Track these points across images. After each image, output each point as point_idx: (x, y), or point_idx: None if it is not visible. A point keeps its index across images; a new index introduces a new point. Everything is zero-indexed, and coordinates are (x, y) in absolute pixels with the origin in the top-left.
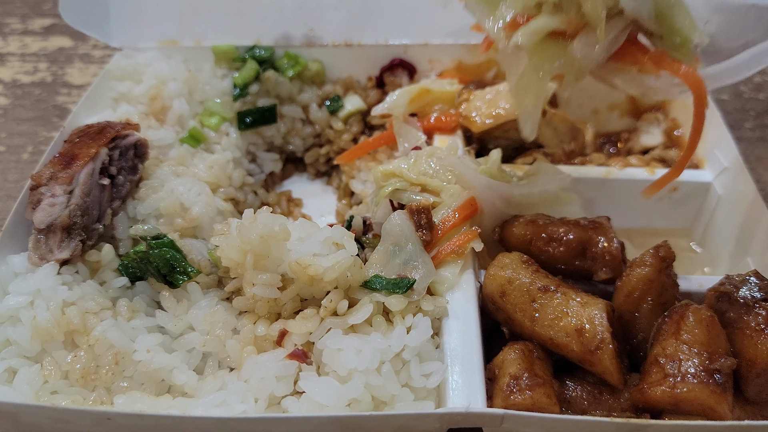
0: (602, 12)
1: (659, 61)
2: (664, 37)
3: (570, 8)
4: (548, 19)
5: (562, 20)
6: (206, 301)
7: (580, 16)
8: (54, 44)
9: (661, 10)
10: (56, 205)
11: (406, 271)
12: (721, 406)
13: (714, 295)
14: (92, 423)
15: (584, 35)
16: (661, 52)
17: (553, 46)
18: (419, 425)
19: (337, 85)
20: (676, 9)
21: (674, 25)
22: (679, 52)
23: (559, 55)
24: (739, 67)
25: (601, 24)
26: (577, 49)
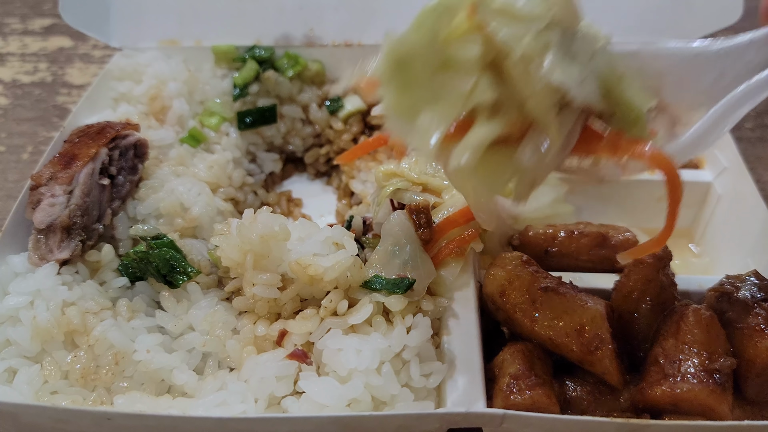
0: (552, 111)
1: (617, 147)
2: (617, 114)
3: (510, 108)
4: (488, 128)
5: (504, 125)
6: (206, 301)
7: (524, 115)
8: (54, 44)
9: (608, 87)
10: (56, 205)
11: (406, 271)
12: (720, 406)
13: (714, 295)
14: (92, 423)
15: (533, 137)
16: (616, 133)
17: (498, 156)
18: (419, 425)
19: (337, 84)
20: (625, 82)
21: (625, 100)
22: (634, 128)
23: (507, 165)
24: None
25: (553, 125)
26: (527, 155)
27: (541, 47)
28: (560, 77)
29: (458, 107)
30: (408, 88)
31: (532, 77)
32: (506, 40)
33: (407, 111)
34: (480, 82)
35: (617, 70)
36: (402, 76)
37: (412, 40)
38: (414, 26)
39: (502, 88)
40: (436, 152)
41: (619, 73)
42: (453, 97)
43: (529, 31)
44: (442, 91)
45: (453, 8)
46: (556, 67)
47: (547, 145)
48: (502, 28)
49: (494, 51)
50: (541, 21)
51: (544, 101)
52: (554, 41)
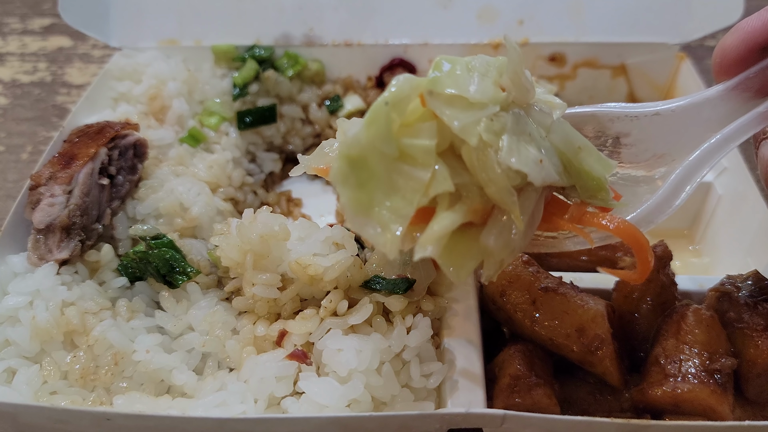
0: (512, 195)
1: (581, 219)
2: (578, 186)
3: (471, 193)
4: (450, 217)
5: (466, 211)
6: (206, 301)
7: (485, 199)
8: (53, 44)
9: (568, 161)
10: (55, 205)
11: (406, 271)
12: (721, 406)
13: (714, 295)
14: (91, 423)
15: (496, 220)
16: (579, 205)
17: (463, 241)
18: (419, 426)
19: (336, 84)
20: (583, 152)
21: (584, 170)
22: (597, 197)
23: (473, 249)
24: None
25: (515, 208)
26: (492, 239)
27: (496, 132)
28: (518, 162)
29: (417, 198)
30: (365, 184)
31: (490, 164)
32: (460, 129)
33: (366, 207)
34: (438, 172)
35: (574, 142)
36: (357, 173)
37: (365, 137)
38: (366, 122)
39: (460, 175)
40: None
41: (577, 145)
42: (412, 189)
43: (483, 117)
44: (400, 183)
45: (405, 100)
46: (513, 151)
47: (512, 227)
48: (456, 116)
49: (449, 138)
50: (495, 105)
51: (503, 186)
52: (509, 124)
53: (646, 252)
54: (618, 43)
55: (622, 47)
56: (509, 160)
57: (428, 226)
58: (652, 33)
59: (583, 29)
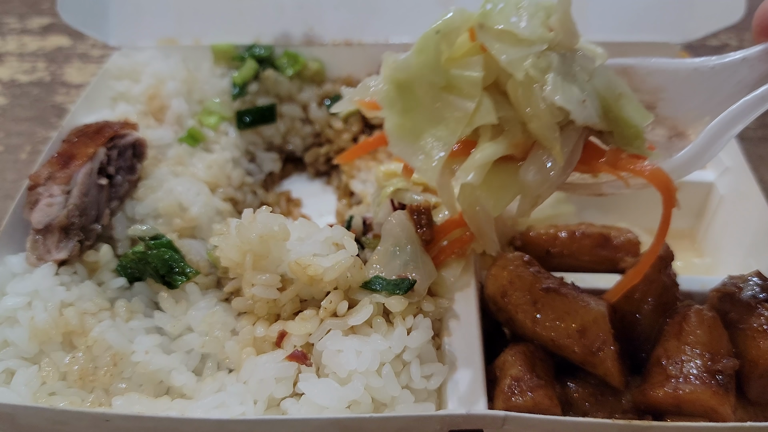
0: (555, 131)
1: (617, 163)
2: (615, 132)
3: (513, 128)
4: (493, 147)
5: (508, 144)
6: (205, 301)
7: (527, 135)
8: (52, 43)
9: (607, 105)
10: (54, 205)
11: (407, 271)
12: (723, 407)
13: (716, 295)
14: (90, 424)
15: (536, 156)
16: (615, 151)
17: (502, 174)
18: (420, 427)
19: (336, 84)
20: (623, 100)
21: (623, 117)
22: (633, 144)
23: (512, 182)
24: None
25: (556, 144)
26: (531, 174)
27: (543, 69)
28: (562, 99)
29: (461, 128)
30: (410, 111)
31: (535, 99)
32: (508, 63)
33: (410, 133)
34: (483, 104)
35: (615, 88)
36: (404, 99)
37: (414, 64)
38: (416, 50)
39: (504, 109)
40: (440, 172)
41: (618, 92)
42: (456, 119)
43: (531, 54)
44: (445, 112)
45: (455, 31)
46: (558, 89)
47: (550, 164)
48: (504, 50)
49: (495, 73)
50: (542, 43)
51: (546, 122)
52: (555, 63)
53: (673, 201)
54: (620, 42)
55: (624, 46)
56: (554, 97)
57: (471, 155)
58: (654, 32)
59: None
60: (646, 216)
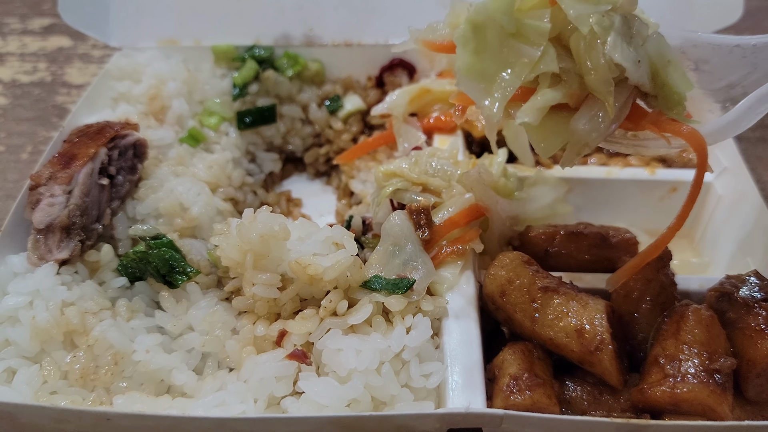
0: (610, 85)
1: (658, 123)
2: (659, 96)
3: (571, 79)
4: (552, 93)
5: (564, 93)
6: (205, 301)
7: (582, 87)
8: (53, 44)
9: (656, 70)
10: (55, 205)
11: (406, 271)
12: (721, 406)
13: (714, 295)
14: (91, 423)
15: (589, 107)
16: (657, 113)
17: (555, 120)
18: (419, 425)
19: (336, 84)
20: (671, 67)
21: (669, 84)
22: (674, 110)
23: (563, 130)
24: (738, 120)
25: (610, 97)
26: (582, 123)
27: (605, 27)
28: (620, 57)
29: (525, 74)
30: (481, 52)
31: (596, 54)
32: (576, 17)
33: (478, 73)
34: (547, 53)
35: (665, 55)
36: (477, 40)
37: (492, 8)
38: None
39: (564, 61)
40: (501, 112)
41: (667, 59)
42: (521, 64)
43: (596, 12)
44: (511, 57)
45: None
46: (617, 47)
47: (601, 115)
48: (573, 5)
49: (560, 26)
50: (607, 3)
51: (603, 76)
52: (616, 23)
53: (706, 160)
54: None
55: None
56: (614, 54)
57: (531, 98)
58: None
59: None
60: (645, 216)
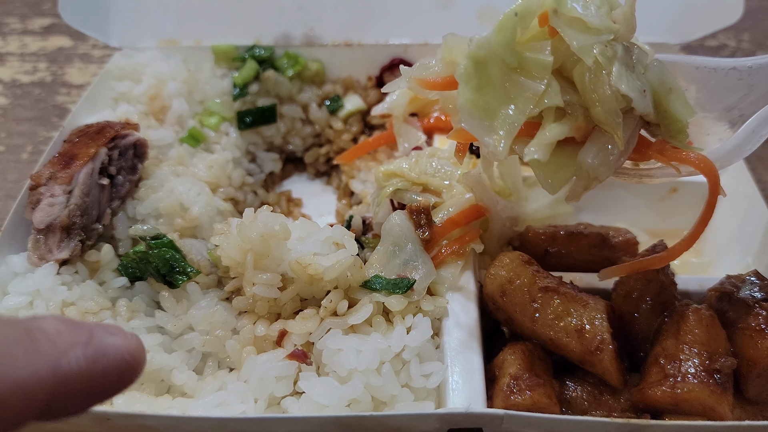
0: (618, 116)
1: (664, 152)
2: (662, 125)
3: (576, 112)
4: (559, 128)
5: (571, 126)
6: (206, 301)
7: (588, 119)
8: (53, 44)
9: (659, 98)
10: (55, 205)
11: (406, 271)
12: (721, 406)
13: (714, 295)
14: (91, 423)
15: (596, 140)
16: (662, 141)
17: (561, 155)
18: (419, 425)
19: (336, 84)
20: (673, 95)
21: (671, 111)
22: (677, 138)
23: (570, 164)
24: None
25: (618, 129)
26: (590, 156)
27: (609, 58)
28: (626, 88)
29: (529, 109)
30: (483, 88)
31: (601, 85)
32: (579, 48)
33: (481, 110)
34: (551, 86)
35: (667, 83)
36: (480, 76)
37: (493, 43)
38: (496, 29)
39: (568, 93)
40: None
41: (669, 86)
42: (525, 99)
43: (599, 42)
44: (514, 92)
45: (530, 15)
46: (623, 77)
47: (610, 148)
48: (575, 37)
49: (562, 57)
50: (609, 33)
51: (611, 107)
52: (619, 53)
53: (718, 186)
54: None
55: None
56: (620, 84)
57: (538, 134)
58: (652, 33)
59: None
60: (645, 216)
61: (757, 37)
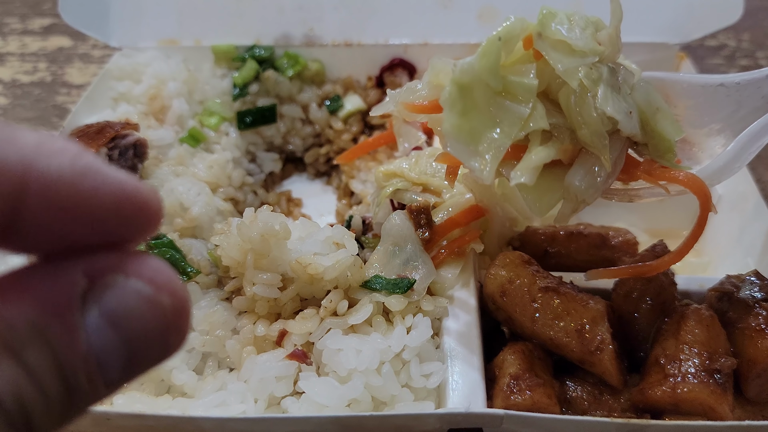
0: (605, 139)
1: (652, 172)
2: (650, 145)
3: (562, 134)
4: (546, 151)
5: (557, 149)
6: (206, 301)
7: (574, 141)
8: (53, 44)
9: (646, 119)
10: None
11: (406, 271)
12: (721, 406)
13: (714, 295)
14: (91, 423)
15: (582, 162)
16: (649, 161)
17: (549, 178)
18: (419, 425)
19: (336, 84)
20: (660, 114)
21: (659, 131)
22: (665, 157)
23: (557, 186)
24: (732, 161)
25: (605, 151)
26: (577, 179)
27: (594, 80)
28: (612, 110)
29: (515, 132)
30: (468, 113)
31: (587, 108)
32: (564, 71)
33: (467, 134)
34: (536, 109)
35: (653, 103)
36: (464, 101)
37: (477, 68)
38: (480, 54)
39: (554, 116)
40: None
41: (655, 107)
42: (510, 123)
43: (584, 64)
44: (499, 116)
45: (514, 39)
46: (608, 99)
47: (597, 170)
48: (560, 60)
49: (547, 79)
50: (594, 55)
51: (597, 129)
52: (604, 74)
53: (709, 205)
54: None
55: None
56: (605, 107)
57: (525, 157)
58: (652, 33)
59: None
60: (644, 216)
61: (757, 37)
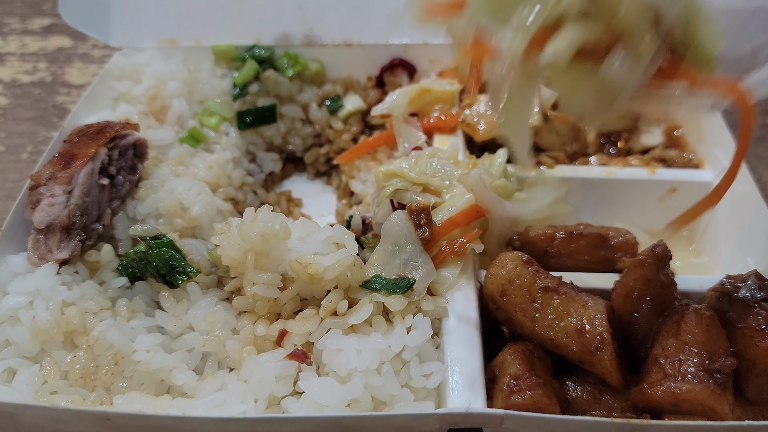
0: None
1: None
2: (690, 51)
3: (600, 17)
4: (580, 31)
5: (593, 32)
6: (206, 301)
7: (611, 29)
8: (53, 44)
9: (688, 19)
10: (55, 205)
11: (406, 271)
12: (721, 406)
13: (714, 295)
14: (92, 423)
15: (619, 52)
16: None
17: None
18: (419, 425)
19: (336, 84)
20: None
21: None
22: (706, 66)
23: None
24: None
25: (645, 35)
26: (614, 68)
27: None
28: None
29: (548, 9)
30: None
31: None
32: None
33: (497, 10)
34: None
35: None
36: None
37: None
38: None
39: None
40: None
41: (698, 6)
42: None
43: None
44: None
45: None
46: None
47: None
48: None
49: None
50: None
51: (638, 12)
52: None
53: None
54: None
55: None
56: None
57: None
58: None
59: None
60: (645, 216)
61: None
